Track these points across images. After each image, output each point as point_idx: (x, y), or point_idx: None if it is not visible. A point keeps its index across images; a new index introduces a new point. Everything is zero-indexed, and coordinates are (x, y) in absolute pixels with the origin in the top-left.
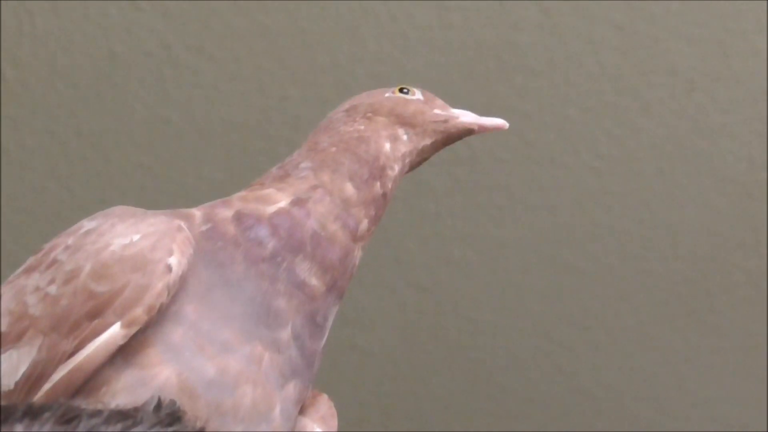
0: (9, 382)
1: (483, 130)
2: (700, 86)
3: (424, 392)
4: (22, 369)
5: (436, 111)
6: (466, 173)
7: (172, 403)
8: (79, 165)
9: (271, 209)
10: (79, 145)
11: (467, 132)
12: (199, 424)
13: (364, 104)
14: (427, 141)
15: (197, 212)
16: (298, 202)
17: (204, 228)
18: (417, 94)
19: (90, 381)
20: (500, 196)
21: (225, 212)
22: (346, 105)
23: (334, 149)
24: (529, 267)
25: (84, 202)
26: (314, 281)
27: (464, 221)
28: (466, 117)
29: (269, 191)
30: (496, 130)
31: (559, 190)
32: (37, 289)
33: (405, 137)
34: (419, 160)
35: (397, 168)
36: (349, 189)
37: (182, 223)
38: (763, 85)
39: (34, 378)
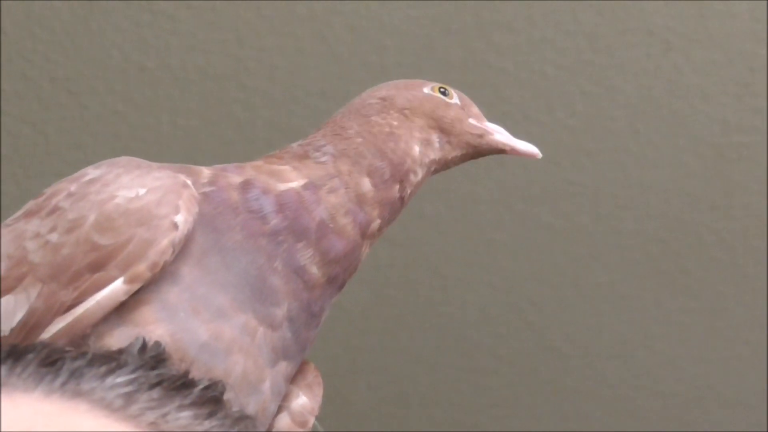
0: (5, 328)
1: (515, 153)
2: (676, 47)
3: (393, 346)
4: (19, 315)
5: (472, 121)
6: None
7: (157, 345)
8: (54, 110)
9: (282, 186)
10: (54, 90)
11: (499, 151)
12: (183, 367)
13: (402, 97)
14: (458, 152)
15: (206, 171)
16: (310, 186)
17: (207, 189)
18: (455, 98)
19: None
20: None
21: (234, 177)
22: (383, 91)
23: (360, 140)
24: (501, 223)
25: (58, 147)
26: (315, 270)
27: (436, 176)
28: (500, 136)
29: (285, 168)
30: (528, 157)
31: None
32: (38, 235)
33: (437, 144)
34: (442, 168)
35: (420, 174)
36: (366, 185)
37: (188, 180)
38: (740, 47)
39: (30, 326)
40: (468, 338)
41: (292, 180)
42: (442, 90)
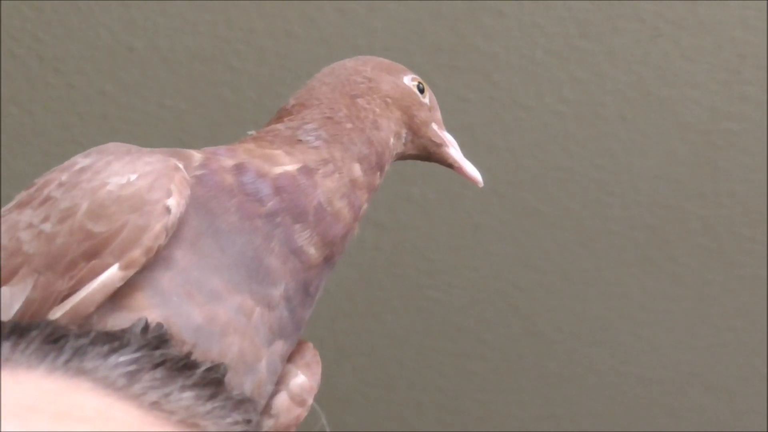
0: (3, 319)
1: (460, 173)
2: (666, 33)
3: (379, 330)
4: (16, 306)
5: (434, 127)
6: None
7: (159, 326)
8: (42, 90)
9: (278, 170)
10: (42, 69)
11: (447, 165)
12: (186, 348)
13: (386, 83)
14: (413, 152)
15: (197, 154)
16: (306, 170)
17: (199, 172)
18: (426, 97)
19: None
20: (463, 136)
21: (226, 161)
22: (369, 70)
23: (350, 126)
24: (488, 208)
25: (45, 127)
26: (312, 251)
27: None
28: (454, 151)
29: (278, 152)
30: (471, 181)
31: (521, 133)
32: (31, 225)
33: (403, 140)
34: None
35: (387, 167)
36: (357, 170)
37: (179, 163)
38: (729, 34)
39: (27, 317)
40: (454, 322)
41: (286, 164)
42: (419, 86)
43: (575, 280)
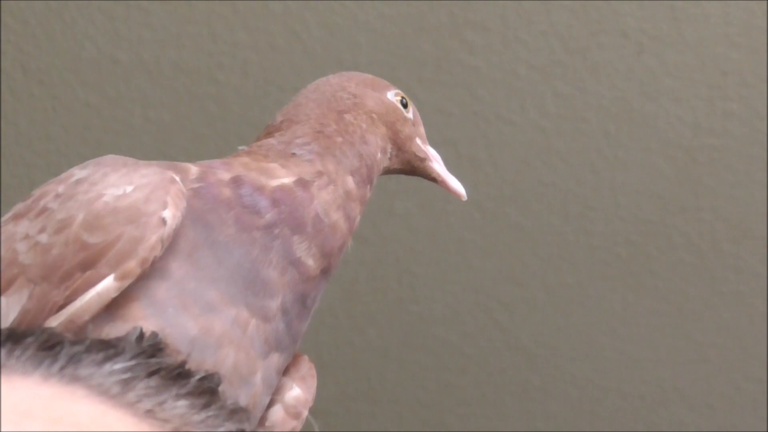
0: None
1: (444, 186)
2: (649, 49)
3: (361, 343)
4: (12, 317)
5: (418, 142)
6: None
7: (154, 335)
8: (26, 102)
9: (275, 183)
10: (26, 81)
11: (431, 179)
12: (180, 358)
13: (370, 99)
14: (398, 167)
15: (193, 167)
16: (302, 183)
17: (196, 185)
18: (410, 112)
19: None
20: (445, 150)
21: (223, 174)
22: (353, 86)
23: (340, 139)
24: (471, 222)
25: (29, 138)
26: (311, 262)
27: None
28: (438, 166)
29: (274, 165)
30: (455, 195)
31: (504, 147)
32: (27, 236)
33: (388, 154)
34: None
35: (375, 181)
36: (351, 183)
37: (175, 176)
38: (712, 51)
39: (23, 326)
40: (436, 336)
41: (282, 176)
42: (403, 101)
43: (557, 294)
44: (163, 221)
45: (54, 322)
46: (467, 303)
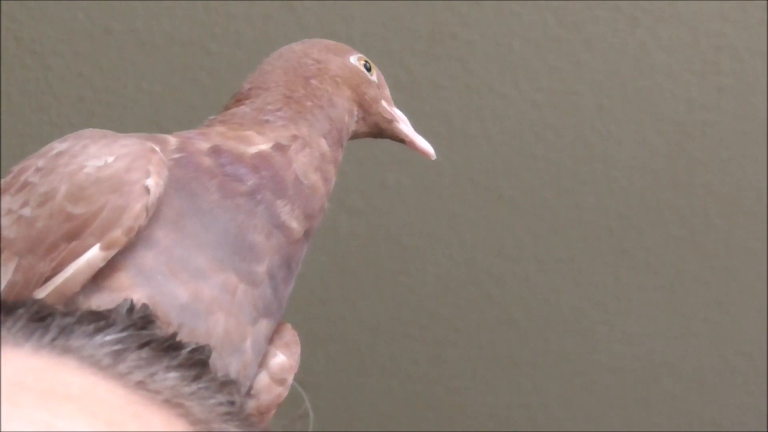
0: None
1: (412, 146)
2: (644, 23)
3: (352, 316)
4: None
5: (384, 104)
6: (405, 99)
7: (145, 306)
8: (18, 71)
9: (253, 149)
10: (18, 50)
11: (399, 140)
12: (171, 329)
13: (334, 63)
14: (365, 130)
15: (172, 138)
16: (279, 147)
17: (177, 155)
18: (374, 75)
19: None
20: (438, 123)
21: (201, 144)
22: (315, 52)
23: (309, 104)
24: (463, 195)
25: (21, 108)
26: (295, 224)
27: (400, 146)
28: (405, 126)
29: (250, 133)
30: (423, 155)
31: (497, 121)
32: (10, 211)
33: (355, 118)
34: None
35: (345, 144)
36: (324, 145)
37: (155, 146)
38: (706, 26)
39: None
40: (427, 309)
41: (259, 143)
42: (366, 64)
43: (549, 268)
44: (147, 189)
45: (41, 293)
46: (458, 276)
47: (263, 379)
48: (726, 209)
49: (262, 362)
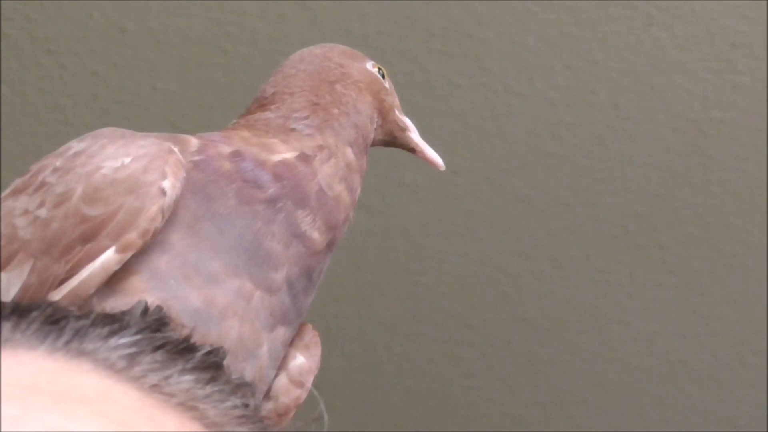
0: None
1: (422, 156)
2: (659, 21)
3: (368, 315)
4: (13, 292)
5: (397, 112)
6: (420, 98)
7: (159, 309)
8: (33, 70)
9: (276, 158)
10: (34, 50)
11: (410, 150)
12: (185, 332)
13: (354, 69)
14: (380, 137)
15: (193, 140)
16: (304, 158)
17: (197, 158)
18: (387, 83)
19: None
20: (454, 122)
21: (223, 147)
22: (335, 56)
23: (336, 111)
24: (479, 194)
25: (36, 108)
26: (316, 235)
27: None
28: (416, 135)
29: (274, 140)
30: (433, 165)
31: (512, 119)
32: (26, 212)
33: (374, 125)
34: None
35: (368, 152)
36: (350, 154)
37: (174, 147)
38: (721, 23)
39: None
40: (443, 308)
41: (283, 152)
42: (380, 72)
43: (564, 267)
44: (163, 191)
45: (56, 296)
46: (474, 275)
47: (282, 381)
48: (742, 207)
49: (281, 364)
